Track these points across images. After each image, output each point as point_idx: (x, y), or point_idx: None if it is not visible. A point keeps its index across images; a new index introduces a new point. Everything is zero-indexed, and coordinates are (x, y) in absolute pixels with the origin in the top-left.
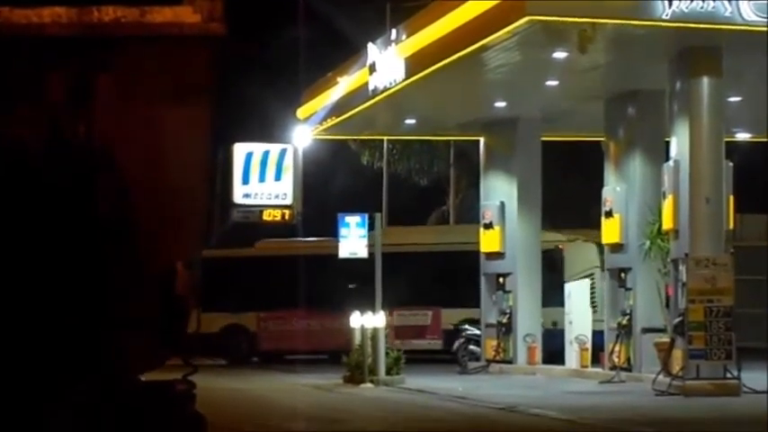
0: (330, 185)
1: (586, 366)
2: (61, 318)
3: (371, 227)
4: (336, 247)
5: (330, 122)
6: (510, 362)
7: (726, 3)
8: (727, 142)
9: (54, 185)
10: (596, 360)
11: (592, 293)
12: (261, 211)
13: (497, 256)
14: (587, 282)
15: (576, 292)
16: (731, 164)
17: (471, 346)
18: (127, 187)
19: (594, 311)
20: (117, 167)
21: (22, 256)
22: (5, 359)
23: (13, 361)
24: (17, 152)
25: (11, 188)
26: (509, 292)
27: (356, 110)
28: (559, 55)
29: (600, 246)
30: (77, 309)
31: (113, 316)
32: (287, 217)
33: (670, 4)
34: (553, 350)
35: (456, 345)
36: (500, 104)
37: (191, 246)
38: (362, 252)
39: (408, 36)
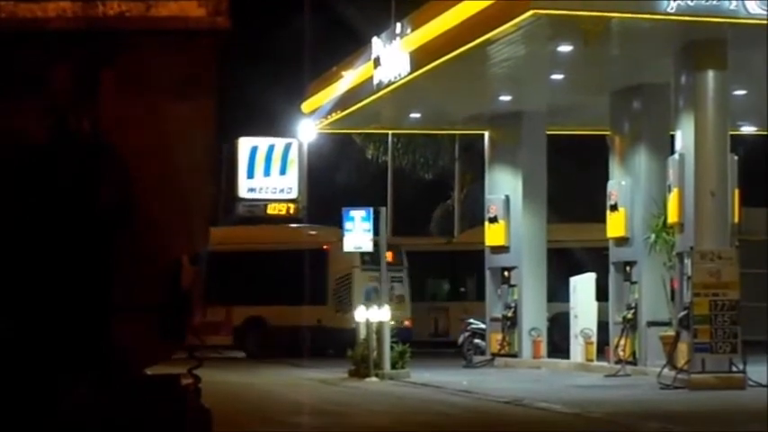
0: (335, 179)
1: (591, 360)
2: (64, 308)
3: (376, 221)
4: None
5: (335, 116)
6: (515, 356)
7: None
8: (732, 136)
9: (57, 177)
10: (601, 353)
11: (348, 290)
12: (266, 205)
13: (502, 249)
14: (593, 275)
15: (582, 286)
16: (736, 157)
17: (476, 340)
18: (129, 178)
19: (348, 310)
20: (120, 159)
21: (24, 247)
22: (7, 352)
23: (14, 353)
24: (20, 145)
25: (14, 180)
26: (514, 285)
27: (361, 104)
28: (564, 48)
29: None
30: (80, 298)
31: (115, 306)
32: (292, 211)
33: None
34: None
35: (461, 338)
36: (505, 98)
37: (196, 240)
38: (367, 246)
39: (413, 30)
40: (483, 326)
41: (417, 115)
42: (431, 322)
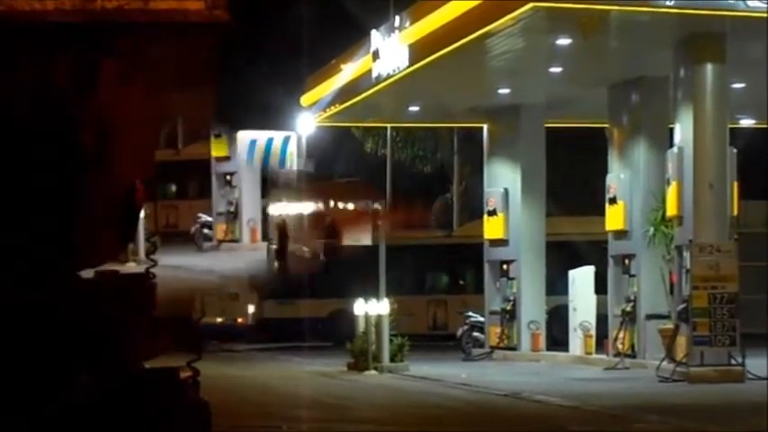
0: (334, 172)
1: (590, 353)
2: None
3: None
4: None
5: (334, 109)
6: (514, 348)
7: None
8: (731, 128)
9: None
10: (600, 346)
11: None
12: None
13: (501, 242)
14: (592, 268)
15: (581, 279)
16: (735, 150)
17: (475, 333)
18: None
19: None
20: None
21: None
22: (7, 344)
23: (14, 346)
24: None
25: None
26: (513, 278)
27: (360, 97)
28: (563, 41)
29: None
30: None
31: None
32: None
33: None
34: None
35: (460, 331)
36: (504, 91)
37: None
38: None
39: (412, 23)
40: (482, 319)
41: (416, 108)
42: (429, 315)
